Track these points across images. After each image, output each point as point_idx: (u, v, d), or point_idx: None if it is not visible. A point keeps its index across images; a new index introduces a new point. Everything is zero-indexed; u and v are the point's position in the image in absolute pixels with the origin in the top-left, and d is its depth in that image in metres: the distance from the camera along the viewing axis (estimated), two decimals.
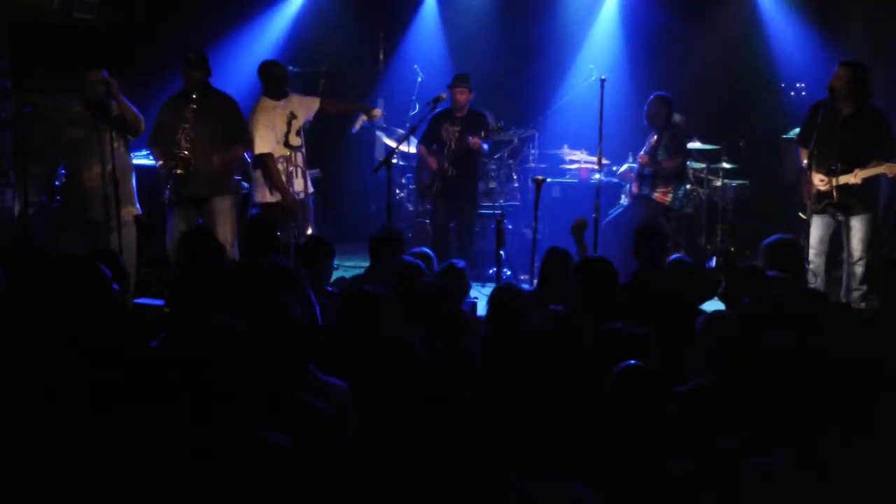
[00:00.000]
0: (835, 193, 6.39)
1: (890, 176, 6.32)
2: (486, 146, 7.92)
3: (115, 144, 6.47)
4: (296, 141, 7.10)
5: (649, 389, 2.89)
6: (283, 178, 6.98)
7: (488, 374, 3.47)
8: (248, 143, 6.94)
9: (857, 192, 6.39)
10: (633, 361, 2.98)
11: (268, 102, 7.03)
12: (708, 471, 2.89)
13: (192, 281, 4.31)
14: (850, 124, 6.42)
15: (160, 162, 6.78)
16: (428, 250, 5.52)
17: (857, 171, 6.32)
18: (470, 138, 7.71)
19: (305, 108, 7.19)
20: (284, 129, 7.03)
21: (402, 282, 4.50)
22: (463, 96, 7.77)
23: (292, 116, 7.08)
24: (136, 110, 6.59)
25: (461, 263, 4.99)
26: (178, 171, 6.64)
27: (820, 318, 3.92)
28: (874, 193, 6.56)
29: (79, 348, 3.30)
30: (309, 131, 7.42)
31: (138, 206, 6.78)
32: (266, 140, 6.94)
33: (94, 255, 4.68)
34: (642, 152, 7.75)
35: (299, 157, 7.11)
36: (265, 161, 6.93)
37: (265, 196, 7.01)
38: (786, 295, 4.19)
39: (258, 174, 7.03)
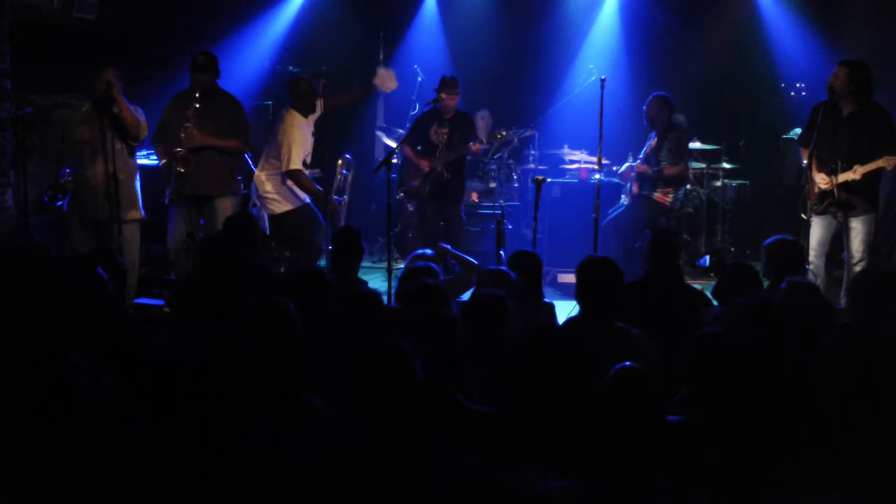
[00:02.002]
0: (836, 192, 6.39)
1: (889, 168, 6.30)
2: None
3: (119, 146, 6.49)
4: (309, 159, 7.16)
5: (646, 391, 2.89)
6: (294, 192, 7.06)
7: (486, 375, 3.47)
8: (248, 143, 6.99)
9: (859, 190, 6.38)
10: (629, 363, 2.98)
11: (300, 118, 7.05)
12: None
13: (192, 282, 4.32)
14: (851, 123, 6.41)
15: (163, 161, 6.80)
16: (431, 252, 5.53)
17: (856, 167, 6.32)
18: (471, 144, 7.70)
19: (317, 115, 7.25)
20: (309, 148, 7.11)
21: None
22: (452, 101, 7.76)
23: (312, 134, 7.14)
24: (141, 115, 6.62)
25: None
26: (179, 169, 6.66)
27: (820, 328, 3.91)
28: (875, 193, 6.56)
29: (77, 348, 3.30)
30: None
31: (142, 209, 6.79)
32: (299, 156, 6.98)
33: (91, 254, 4.68)
34: (641, 158, 7.72)
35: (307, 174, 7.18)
36: (296, 177, 6.97)
37: (287, 205, 7.05)
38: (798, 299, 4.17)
39: (278, 187, 7.04)
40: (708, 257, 8.36)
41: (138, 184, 6.79)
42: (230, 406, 2.78)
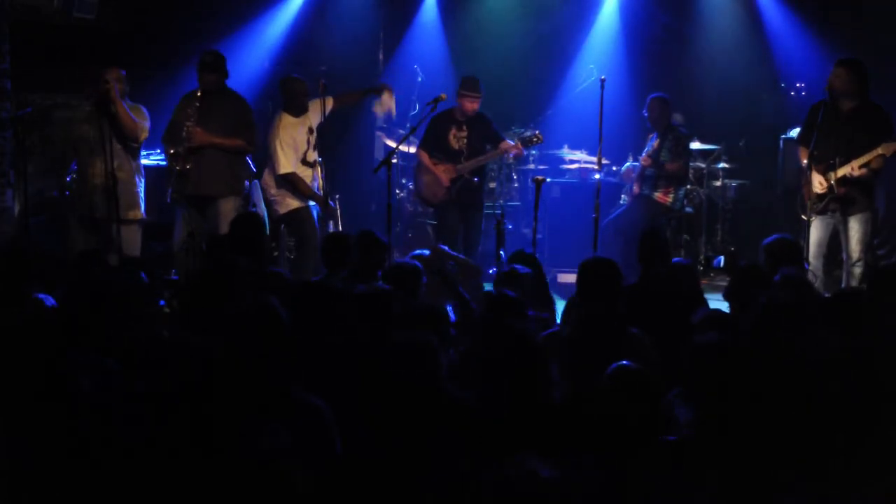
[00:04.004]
0: (835, 187, 6.40)
1: (888, 154, 6.29)
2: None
3: (118, 145, 6.49)
4: (312, 157, 7.16)
5: (643, 389, 2.89)
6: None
7: (486, 371, 3.47)
8: (252, 142, 6.96)
9: (857, 184, 6.39)
10: (625, 362, 2.98)
11: (289, 119, 7.08)
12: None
13: (194, 281, 4.33)
14: (850, 121, 6.43)
15: (169, 160, 6.83)
16: (429, 253, 5.53)
17: (853, 162, 6.33)
18: (510, 152, 7.58)
19: (318, 113, 7.20)
20: (304, 146, 7.10)
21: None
22: (473, 104, 7.50)
23: (310, 132, 7.12)
24: (145, 115, 6.63)
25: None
26: (177, 168, 6.66)
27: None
28: (872, 192, 6.57)
29: (80, 347, 3.30)
30: None
31: (143, 209, 6.78)
32: (290, 159, 7.03)
33: (83, 255, 4.71)
34: (644, 153, 7.74)
35: (315, 173, 7.17)
36: (291, 179, 7.04)
37: (289, 205, 7.10)
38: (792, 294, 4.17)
39: (278, 189, 7.11)
40: (723, 258, 8.37)
41: (141, 184, 6.79)
42: (230, 406, 2.78)
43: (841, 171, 6.37)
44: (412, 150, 8.33)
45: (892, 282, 4.22)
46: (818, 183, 6.45)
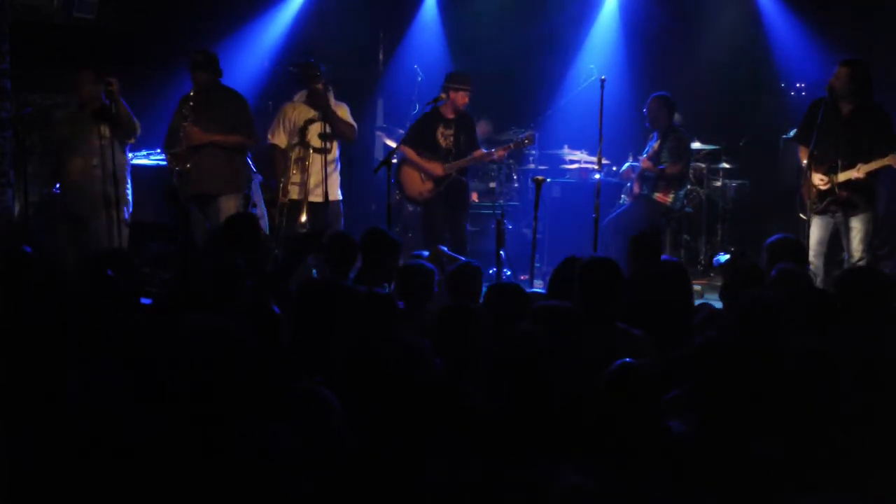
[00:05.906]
0: (837, 190, 6.40)
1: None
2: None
3: (104, 142, 6.49)
4: (317, 143, 7.07)
5: (641, 387, 2.89)
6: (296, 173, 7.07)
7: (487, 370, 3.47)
8: (251, 136, 6.95)
9: (860, 188, 6.39)
10: (627, 359, 2.98)
11: (293, 104, 7.22)
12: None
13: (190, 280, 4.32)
14: (851, 122, 6.42)
15: (169, 162, 6.84)
16: (427, 254, 5.53)
17: (860, 165, 6.32)
18: (491, 151, 7.52)
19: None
20: (301, 124, 7.05)
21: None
22: (465, 98, 7.44)
23: (319, 118, 7.04)
24: (131, 113, 6.63)
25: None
26: (177, 168, 6.67)
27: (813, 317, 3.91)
28: (874, 193, 6.56)
29: (82, 348, 3.30)
30: None
31: (128, 209, 6.74)
32: (279, 133, 7.14)
33: (105, 256, 4.70)
34: (645, 155, 7.73)
35: (314, 158, 7.09)
36: (273, 153, 7.13)
37: (287, 194, 7.11)
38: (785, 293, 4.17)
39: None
40: (728, 256, 8.39)
41: (129, 184, 6.76)
42: (230, 406, 2.78)
43: (843, 176, 6.37)
44: None
45: (861, 283, 4.18)
46: (819, 180, 6.44)
